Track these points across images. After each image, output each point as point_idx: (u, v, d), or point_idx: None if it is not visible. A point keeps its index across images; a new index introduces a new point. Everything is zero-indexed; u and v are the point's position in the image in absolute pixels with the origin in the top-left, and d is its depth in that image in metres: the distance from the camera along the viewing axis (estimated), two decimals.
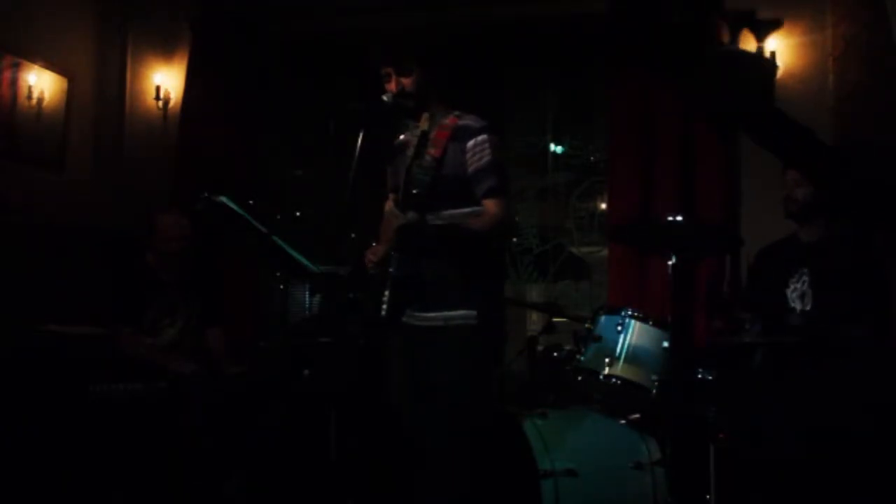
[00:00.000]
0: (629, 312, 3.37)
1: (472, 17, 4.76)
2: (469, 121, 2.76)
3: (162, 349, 3.74)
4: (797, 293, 3.24)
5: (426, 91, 2.77)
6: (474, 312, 2.68)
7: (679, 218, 3.19)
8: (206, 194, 3.19)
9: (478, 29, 4.75)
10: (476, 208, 2.71)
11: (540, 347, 3.87)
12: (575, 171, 5.22)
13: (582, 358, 3.42)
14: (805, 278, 3.24)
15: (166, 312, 3.80)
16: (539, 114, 5.18)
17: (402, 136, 2.91)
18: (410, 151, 2.75)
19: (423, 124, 2.76)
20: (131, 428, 3.28)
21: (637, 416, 3.44)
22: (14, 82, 4.40)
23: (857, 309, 3.12)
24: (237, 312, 4.80)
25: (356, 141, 2.68)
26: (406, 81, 2.74)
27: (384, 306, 2.67)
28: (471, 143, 2.71)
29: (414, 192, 2.67)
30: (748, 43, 4.24)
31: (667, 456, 3.20)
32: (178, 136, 4.95)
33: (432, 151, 2.71)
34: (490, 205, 2.70)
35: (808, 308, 3.21)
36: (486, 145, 2.71)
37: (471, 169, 2.70)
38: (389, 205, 2.67)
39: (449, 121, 2.77)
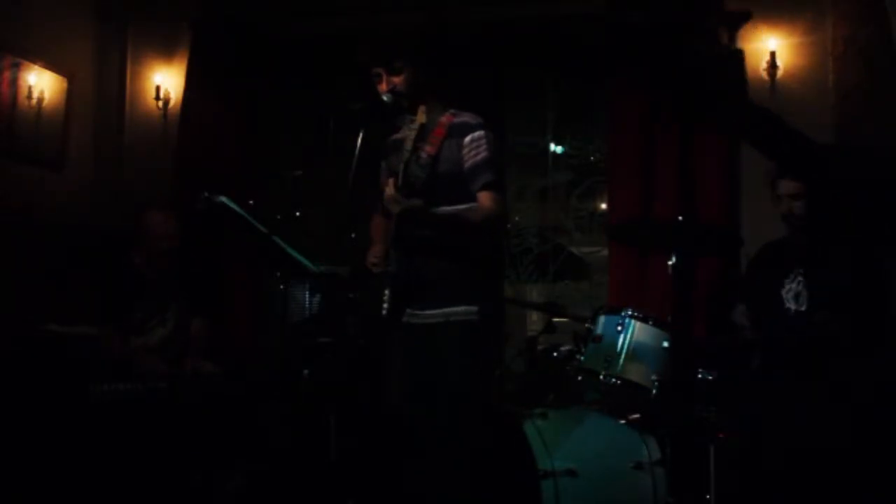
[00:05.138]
0: (629, 312, 3.37)
1: (471, 17, 4.76)
2: (466, 118, 2.77)
3: (151, 349, 3.72)
4: (792, 293, 3.24)
5: (419, 89, 2.77)
6: (475, 308, 2.69)
7: (679, 218, 3.20)
8: (206, 194, 3.19)
9: (477, 29, 4.75)
10: (471, 205, 2.72)
11: (540, 347, 3.87)
12: (575, 171, 5.21)
13: (582, 358, 3.42)
14: (800, 279, 3.24)
15: (154, 312, 3.78)
16: (539, 114, 5.17)
17: (399, 132, 2.91)
18: (408, 146, 2.75)
19: (421, 118, 2.75)
20: (131, 428, 3.28)
21: (637, 416, 3.43)
22: (14, 82, 4.40)
23: (852, 310, 3.11)
24: (237, 312, 4.81)
25: (356, 141, 2.68)
26: (397, 80, 2.74)
27: (385, 305, 2.67)
28: (468, 138, 2.72)
29: (412, 187, 2.67)
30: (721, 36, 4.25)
31: (667, 456, 3.20)
32: (178, 136, 4.95)
33: (428, 149, 2.72)
34: (484, 198, 2.71)
35: (802, 308, 3.21)
36: (483, 141, 2.72)
37: (467, 164, 2.71)
38: (390, 190, 2.66)
39: (444, 118, 2.77)
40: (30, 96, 4.49)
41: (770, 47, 4.23)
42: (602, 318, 3.44)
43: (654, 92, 4.31)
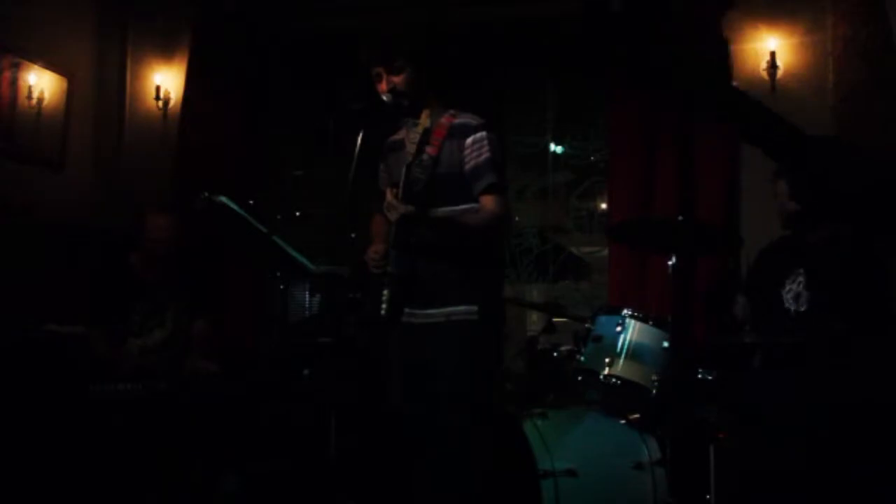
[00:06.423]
0: (629, 312, 3.37)
1: (471, 16, 4.76)
2: (467, 118, 2.76)
3: (150, 350, 3.72)
4: (792, 294, 3.24)
5: (419, 89, 2.76)
6: (475, 307, 2.68)
7: (679, 218, 3.20)
8: (206, 194, 3.18)
9: (477, 29, 4.75)
10: (473, 205, 2.71)
11: (540, 347, 3.87)
12: (575, 171, 5.22)
13: (582, 358, 3.42)
14: (800, 279, 3.23)
15: (153, 314, 3.78)
16: (539, 114, 5.18)
17: (398, 134, 2.90)
18: (411, 149, 2.74)
19: (425, 121, 2.74)
20: (131, 428, 3.27)
21: (637, 416, 3.44)
22: (14, 82, 4.40)
23: (853, 310, 3.11)
24: (237, 312, 4.81)
25: (356, 141, 2.68)
26: (397, 80, 2.73)
27: (384, 305, 2.66)
28: (469, 139, 2.71)
29: (413, 190, 2.67)
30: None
31: (667, 456, 3.20)
32: (178, 136, 4.95)
33: (429, 150, 2.71)
34: (487, 201, 2.69)
35: (802, 309, 3.20)
36: (485, 142, 2.70)
37: (469, 166, 2.70)
38: (389, 197, 2.65)
39: (444, 119, 2.76)
40: (30, 96, 4.49)
41: (770, 47, 4.24)
42: (602, 318, 3.44)
43: (653, 90, 4.32)
